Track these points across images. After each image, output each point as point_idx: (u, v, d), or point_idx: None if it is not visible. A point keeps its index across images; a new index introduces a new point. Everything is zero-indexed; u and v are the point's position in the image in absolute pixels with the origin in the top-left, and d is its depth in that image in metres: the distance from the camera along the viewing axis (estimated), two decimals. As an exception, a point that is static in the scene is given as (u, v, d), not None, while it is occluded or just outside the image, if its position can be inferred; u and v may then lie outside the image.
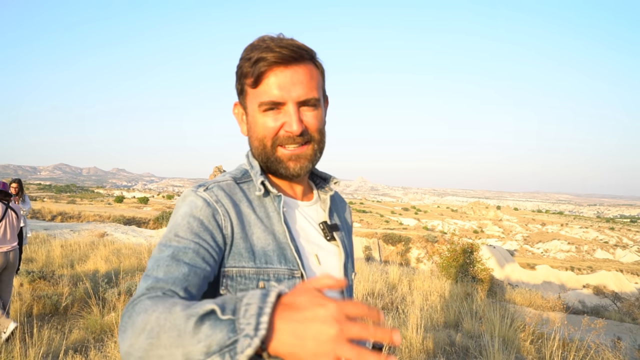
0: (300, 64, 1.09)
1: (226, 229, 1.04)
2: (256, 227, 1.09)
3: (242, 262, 1.04)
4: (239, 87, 1.16)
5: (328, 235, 1.21)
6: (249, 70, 1.09)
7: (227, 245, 1.04)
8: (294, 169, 1.13)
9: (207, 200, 1.06)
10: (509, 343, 5.50)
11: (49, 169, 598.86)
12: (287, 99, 1.08)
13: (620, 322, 10.10)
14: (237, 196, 1.12)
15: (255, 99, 1.11)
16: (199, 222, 1.02)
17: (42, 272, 7.16)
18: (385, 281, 9.05)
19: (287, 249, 1.09)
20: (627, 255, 71.70)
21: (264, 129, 1.11)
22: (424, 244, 37.68)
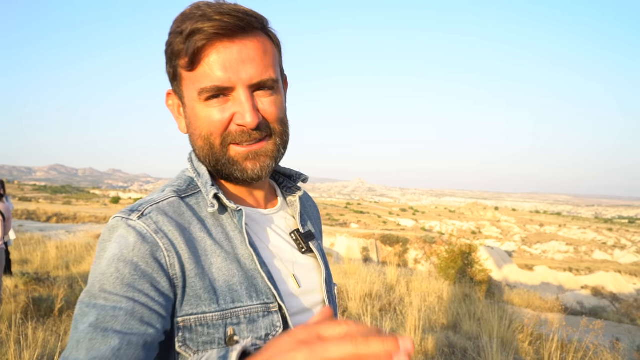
0: (249, 36, 0.83)
1: (173, 268, 0.78)
2: (215, 255, 0.83)
3: (202, 307, 0.79)
4: (170, 71, 0.89)
5: (303, 247, 0.98)
6: (182, 48, 0.82)
7: (177, 289, 0.78)
8: (253, 170, 0.88)
9: (142, 232, 0.78)
10: (507, 344, 5.48)
11: (44, 170, 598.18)
12: (235, 82, 0.82)
13: (619, 323, 10.10)
14: (184, 217, 0.85)
15: (193, 85, 0.85)
16: (132, 267, 0.75)
17: (37, 274, 7.13)
18: (383, 282, 9.03)
19: (257, 278, 0.85)
20: (626, 256, 71.84)
21: (209, 124, 0.86)
22: (422, 245, 37.66)
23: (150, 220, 0.80)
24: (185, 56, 0.82)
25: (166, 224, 0.81)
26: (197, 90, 0.84)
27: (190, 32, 0.80)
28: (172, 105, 0.95)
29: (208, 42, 0.80)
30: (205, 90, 0.83)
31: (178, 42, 0.83)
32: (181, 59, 0.84)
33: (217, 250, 0.84)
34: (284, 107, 0.92)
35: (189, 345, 0.78)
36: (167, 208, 0.84)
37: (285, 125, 0.92)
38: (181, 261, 0.79)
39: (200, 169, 0.93)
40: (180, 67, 0.85)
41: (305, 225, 1.05)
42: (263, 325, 0.82)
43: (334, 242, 37.89)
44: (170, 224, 0.81)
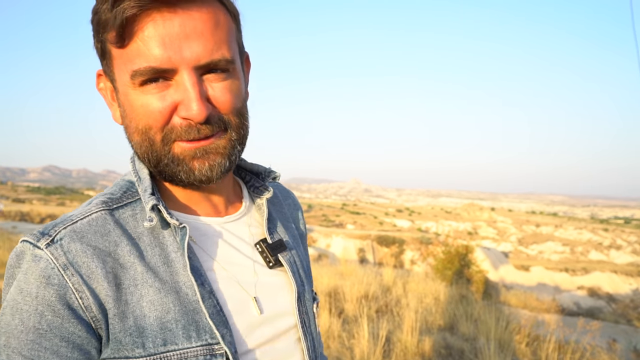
0: (195, 5, 0.64)
1: (90, 310, 0.63)
2: (146, 285, 0.67)
3: (125, 351, 0.65)
4: (98, 46, 0.70)
5: (270, 260, 0.81)
6: (109, 18, 0.63)
7: (101, 331, 0.65)
8: (201, 171, 0.70)
9: (45, 272, 0.62)
10: (504, 346, 5.46)
11: (37, 171, 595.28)
12: (178, 62, 0.64)
13: (615, 323, 10.12)
14: (109, 239, 0.68)
15: (125, 66, 0.66)
16: (37, 318, 0.61)
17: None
18: (379, 283, 9.00)
19: (199, 313, 0.68)
20: (621, 256, 72.12)
21: (147, 115, 0.67)
22: (418, 245, 37.75)
23: (60, 250, 0.64)
24: (113, 28, 0.63)
25: (79, 253, 0.65)
26: (129, 73, 0.66)
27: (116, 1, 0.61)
28: (104, 89, 0.76)
29: (141, 10, 0.62)
30: (139, 73, 0.65)
31: (104, 10, 0.63)
32: (109, 31, 0.65)
33: (149, 279, 0.67)
34: (241, 94, 0.73)
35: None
36: (85, 229, 0.67)
37: (242, 117, 0.73)
38: (98, 300, 0.64)
39: (142, 172, 0.75)
40: (109, 41, 0.66)
41: (274, 233, 0.86)
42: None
43: (330, 243, 37.93)
44: (85, 253, 0.65)
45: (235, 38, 0.72)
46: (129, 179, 0.78)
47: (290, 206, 1.00)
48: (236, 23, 0.73)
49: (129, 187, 0.76)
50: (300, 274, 0.86)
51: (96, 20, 0.66)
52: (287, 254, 0.84)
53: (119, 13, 0.61)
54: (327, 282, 8.13)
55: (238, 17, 0.73)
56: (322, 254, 23.39)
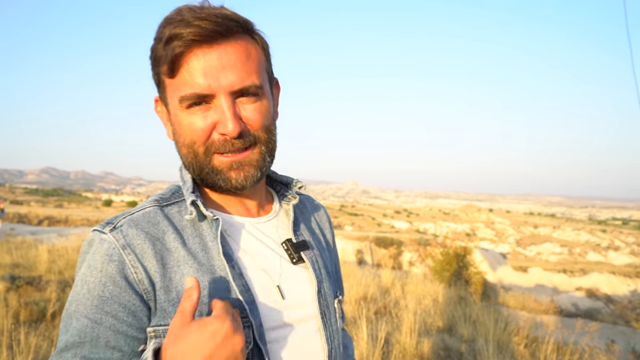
0: (230, 41, 0.81)
1: (142, 284, 0.79)
2: (187, 265, 0.82)
3: (168, 319, 0.78)
4: (155, 78, 0.88)
5: (294, 257, 0.94)
6: (162, 54, 0.80)
7: (151, 302, 0.80)
8: (237, 180, 0.86)
9: (108, 251, 0.79)
10: (503, 347, 5.47)
11: (35, 173, 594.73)
12: (216, 89, 0.80)
13: (614, 324, 10.13)
14: (158, 228, 0.84)
15: (175, 93, 0.83)
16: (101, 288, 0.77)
17: (28, 278, 7.06)
18: (378, 285, 9.01)
19: (230, 291, 0.82)
20: (619, 257, 72.25)
21: (192, 132, 0.84)
22: (416, 247, 37.69)
23: (120, 234, 0.81)
24: (165, 63, 0.81)
25: (135, 237, 0.81)
26: (178, 98, 0.83)
27: (169, 38, 0.78)
28: (161, 111, 0.93)
29: (187, 48, 0.79)
30: (186, 98, 0.81)
31: (159, 48, 0.81)
32: (162, 65, 0.82)
33: (189, 261, 0.82)
34: (269, 114, 0.89)
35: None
36: (140, 219, 0.84)
37: (270, 133, 0.89)
38: (149, 276, 0.80)
39: (186, 177, 0.92)
40: (162, 73, 0.84)
41: (299, 235, 1.00)
42: None
43: (329, 244, 37.81)
44: (140, 236, 0.81)
45: (265, 67, 0.89)
46: (177, 184, 0.95)
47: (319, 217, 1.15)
48: (265, 54, 0.89)
49: (177, 190, 0.93)
50: (322, 271, 0.98)
51: (153, 57, 0.84)
52: (309, 253, 0.98)
53: (170, 50, 0.78)
54: (326, 284, 8.14)
55: (267, 50, 0.90)
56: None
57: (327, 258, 1.07)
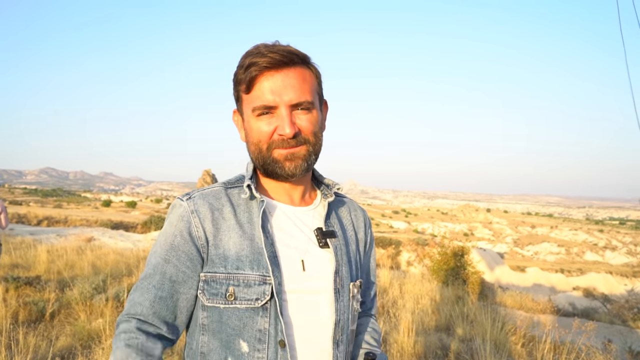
0: (291, 68, 1.11)
1: (200, 239, 1.11)
2: (234, 232, 1.12)
3: (214, 268, 1.10)
4: (235, 95, 1.19)
5: (321, 241, 1.19)
6: (242, 77, 1.11)
7: (204, 254, 1.11)
8: (289, 167, 1.13)
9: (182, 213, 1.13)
10: (500, 346, 5.49)
11: (34, 173, 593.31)
12: (279, 102, 1.09)
13: (611, 324, 10.16)
14: (219, 201, 1.16)
15: (249, 105, 1.13)
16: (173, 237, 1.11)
17: (27, 278, 7.06)
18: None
19: (262, 255, 1.10)
20: (616, 257, 72.42)
21: (259, 133, 1.13)
22: (415, 247, 37.65)
23: (192, 202, 1.14)
24: (244, 83, 1.12)
25: (202, 205, 1.13)
26: (251, 108, 1.12)
27: (248, 65, 1.10)
28: (237, 120, 1.24)
29: (260, 72, 1.09)
30: (257, 108, 1.11)
31: (240, 73, 1.12)
32: (241, 85, 1.13)
33: (237, 229, 1.12)
34: (317, 124, 1.17)
35: (205, 294, 1.10)
36: (208, 193, 1.17)
37: (317, 138, 1.17)
38: (205, 235, 1.10)
39: (249, 167, 1.21)
40: (241, 91, 1.15)
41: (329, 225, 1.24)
42: (256, 291, 1.07)
43: (327, 244, 37.76)
44: (204, 205, 1.13)
45: (316, 89, 1.18)
46: (242, 174, 1.24)
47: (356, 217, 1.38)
48: (318, 81, 1.20)
49: (241, 177, 1.24)
50: (343, 257, 1.22)
51: (235, 79, 1.15)
52: (335, 241, 1.22)
53: (248, 75, 1.10)
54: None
55: (319, 77, 1.21)
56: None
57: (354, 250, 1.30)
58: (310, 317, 1.14)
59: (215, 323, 1.10)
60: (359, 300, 1.25)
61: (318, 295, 1.15)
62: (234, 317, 1.08)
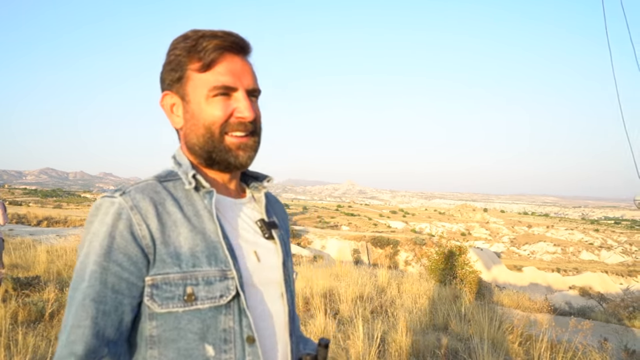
0: (246, 55, 1.12)
1: (145, 239, 0.96)
2: (183, 226, 1.00)
3: (166, 269, 0.96)
4: (175, 76, 1.09)
5: (266, 233, 1.15)
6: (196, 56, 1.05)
7: (150, 255, 0.97)
8: (243, 157, 1.09)
9: (118, 210, 0.96)
10: (497, 345, 5.52)
11: (34, 174, 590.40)
12: (239, 85, 1.07)
13: (607, 323, 10.21)
14: (160, 195, 1.02)
15: (203, 85, 1.06)
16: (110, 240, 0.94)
17: (27, 278, 7.05)
18: (374, 284, 9.05)
19: (218, 249, 1.01)
20: (612, 256, 72.55)
21: (213, 116, 1.05)
22: (412, 246, 37.75)
23: (128, 197, 0.98)
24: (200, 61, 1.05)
25: (141, 200, 0.98)
26: (208, 88, 1.05)
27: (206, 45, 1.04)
28: (166, 104, 1.13)
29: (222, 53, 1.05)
30: (217, 88, 1.04)
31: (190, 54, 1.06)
32: (193, 63, 1.06)
33: (185, 223, 1.00)
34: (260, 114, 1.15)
35: (155, 300, 0.95)
36: (144, 187, 1.02)
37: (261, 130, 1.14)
38: (150, 233, 0.96)
39: (183, 160, 1.11)
40: (191, 70, 1.06)
41: (270, 217, 1.21)
42: (218, 287, 0.98)
43: (325, 244, 37.83)
44: (144, 200, 0.98)
45: None
46: (170, 169, 1.12)
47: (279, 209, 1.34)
48: None
49: (170, 172, 1.11)
50: (286, 248, 1.21)
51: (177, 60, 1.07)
52: (278, 231, 1.19)
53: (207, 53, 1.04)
54: (323, 284, 8.15)
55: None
56: (317, 255, 23.38)
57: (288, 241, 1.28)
58: (269, 310, 1.10)
59: (170, 331, 0.96)
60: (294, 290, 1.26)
61: (273, 287, 1.12)
62: (196, 320, 0.96)
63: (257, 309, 1.06)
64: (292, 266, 1.25)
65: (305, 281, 8.41)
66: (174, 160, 1.13)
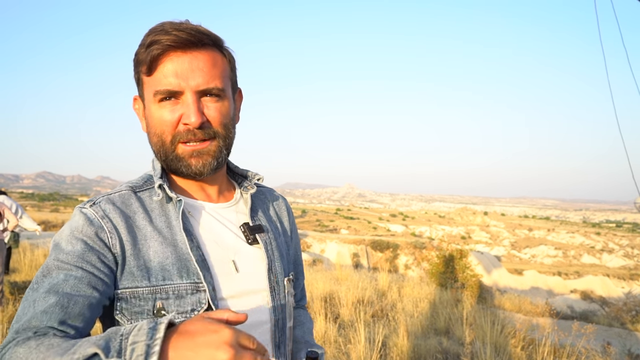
0: (200, 50, 0.98)
1: (115, 247, 0.92)
2: (153, 240, 0.96)
3: (135, 282, 0.92)
4: (136, 77, 1.04)
5: (249, 238, 1.09)
6: (143, 57, 0.97)
7: (118, 265, 0.93)
8: (196, 166, 1.00)
9: (89, 217, 0.93)
10: (500, 349, 5.48)
11: (31, 177, 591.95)
12: (184, 87, 0.96)
13: (609, 326, 10.16)
14: (131, 208, 0.99)
15: (150, 88, 0.99)
16: (82, 243, 0.90)
17: (24, 283, 7.02)
18: (374, 288, 9.02)
19: (189, 261, 0.96)
20: (613, 259, 72.59)
21: (161, 123, 0.99)
22: (412, 250, 37.77)
23: (99, 208, 0.95)
24: (145, 63, 0.96)
25: (112, 211, 0.95)
26: (152, 92, 0.98)
27: (150, 43, 0.95)
28: (138, 109, 1.09)
29: (163, 52, 0.95)
30: (159, 93, 0.97)
31: (141, 52, 0.97)
32: (142, 66, 0.98)
33: (155, 236, 0.96)
34: (229, 114, 1.04)
35: (124, 314, 0.92)
36: (116, 199, 0.99)
37: (228, 130, 1.04)
38: (121, 242, 0.93)
39: (156, 166, 1.06)
40: (142, 72, 0.99)
41: (256, 219, 1.15)
42: (190, 301, 0.94)
43: (324, 248, 37.88)
44: (115, 211, 0.96)
45: (229, 76, 1.05)
46: (149, 173, 1.08)
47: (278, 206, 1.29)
48: (231, 66, 1.06)
49: (148, 178, 1.07)
50: (274, 252, 1.13)
51: (135, 59, 1.00)
52: (264, 235, 1.12)
53: (150, 54, 0.95)
54: (323, 287, 8.12)
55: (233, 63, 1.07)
56: (316, 259, 23.34)
57: (282, 242, 1.21)
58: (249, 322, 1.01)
59: None
60: (293, 295, 1.18)
61: (254, 297, 1.05)
62: None
63: None
64: (288, 271, 1.18)
65: (304, 285, 8.38)
66: (152, 165, 1.09)
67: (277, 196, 1.32)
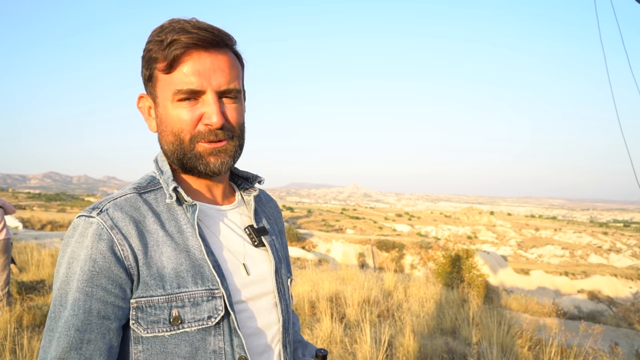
0: (220, 50, 0.97)
1: (127, 260, 0.90)
2: (165, 245, 0.94)
3: (150, 291, 0.91)
4: (146, 74, 1.00)
5: (255, 240, 1.10)
6: (161, 54, 0.94)
7: (134, 276, 0.91)
8: (215, 164, 1.00)
9: (98, 230, 0.89)
10: (507, 350, 5.46)
11: (38, 177, 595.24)
12: (206, 87, 0.95)
13: (617, 327, 10.10)
14: (140, 211, 0.96)
15: (168, 87, 0.96)
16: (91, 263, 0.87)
17: (32, 283, 7.06)
18: (380, 288, 9.00)
19: (204, 267, 0.95)
20: (621, 259, 72.08)
21: (180, 122, 0.97)
22: (418, 250, 37.64)
23: (107, 216, 0.91)
24: (164, 61, 0.94)
25: (121, 219, 0.92)
26: (172, 92, 0.95)
27: (171, 42, 0.92)
28: (142, 107, 1.07)
29: (186, 50, 0.93)
30: (181, 92, 0.95)
31: (155, 49, 0.95)
32: (159, 63, 0.95)
33: (167, 241, 0.94)
34: (243, 115, 1.05)
35: (140, 323, 0.90)
36: (123, 203, 0.95)
37: (243, 131, 1.05)
38: (134, 252, 0.90)
39: (164, 167, 1.04)
40: (158, 70, 0.97)
41: (259, 222, 1.15)
42: (206, 308, 0.93)
43: (330, 247, 37.81)
44: (125, 218, 0.92)
45: (242, 78, 1.05)
46: (152, 175, 1.06)
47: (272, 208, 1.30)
48: (242, 68, 1.06)
49: (152, 180, 1.04)
50: (279, 254, 1.15)
51: (148, 56, 0.97)
52: (268, 237, 1.13)
53: (170, 52, 0.92)
54: (329, 287, 8.12)
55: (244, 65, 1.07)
56: (322, 259, 23.33)
57: (280, 244, 1.22)
58: (261, 324, 1.05)
59: (157, 355, 0.91)
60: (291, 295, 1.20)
61: (264, 299, 1.07)
62: (184, 344, 0.91)
63: (248, 326, 1.02)
64: (289, 271, 1.20)
65: (310, 285, 8.38)
66: (156, 165, 1.07)
67: (270, 198, 1.33)
